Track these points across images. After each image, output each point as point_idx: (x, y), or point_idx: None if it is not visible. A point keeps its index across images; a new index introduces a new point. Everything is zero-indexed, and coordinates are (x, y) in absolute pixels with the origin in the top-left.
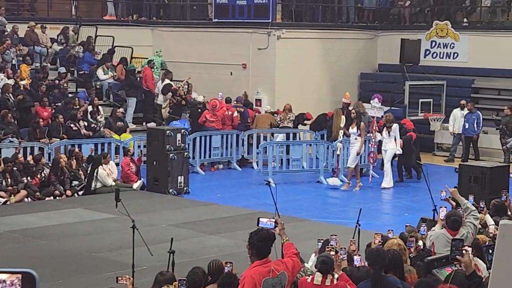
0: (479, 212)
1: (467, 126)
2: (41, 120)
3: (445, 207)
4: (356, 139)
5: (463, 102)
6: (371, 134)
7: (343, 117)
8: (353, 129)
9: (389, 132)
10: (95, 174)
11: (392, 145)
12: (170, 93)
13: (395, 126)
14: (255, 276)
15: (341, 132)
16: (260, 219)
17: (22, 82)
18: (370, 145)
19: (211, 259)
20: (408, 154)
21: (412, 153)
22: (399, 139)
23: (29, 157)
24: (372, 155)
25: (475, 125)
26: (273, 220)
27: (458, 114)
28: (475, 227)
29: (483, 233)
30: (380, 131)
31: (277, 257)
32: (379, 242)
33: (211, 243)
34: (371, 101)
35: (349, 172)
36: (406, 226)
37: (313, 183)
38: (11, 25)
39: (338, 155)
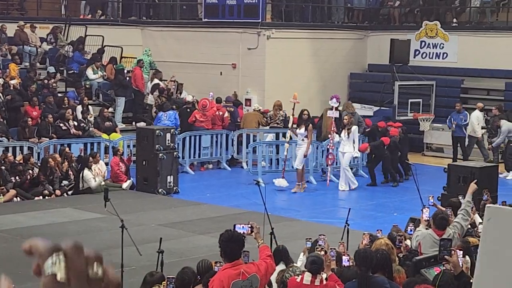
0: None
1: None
2: (29, 119)
3: (428, 207)
4: (303, 140)
5: (480, 105)
6: (330, 136)
7: (291, 118)
8: (300, 130)
9: (348, 134)
10: (80, 176)
11: (349, 148)
12: (156, 93)
13: (355, 129)
14: (223, 279)
15: (289, 132)
16: (236, 225)
17: (13, 82)
18: (328, 146)
19: (200, 259)
20: (380, 158)
21: (385, 157)
22: (358, 142)
23: (19, 157)
24: (330, 157)
25: (463, 126)
26: (249, 225)
27: (480, 117)
28: (461, 227)
29: (472, 233)
30: (339, 133)
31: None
32: (368, 242)
33: (201, 243)
34: (330, 102)
35: (297, 174)
36: (393, 226)
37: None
38: (0, 24)
39: (285, 155)
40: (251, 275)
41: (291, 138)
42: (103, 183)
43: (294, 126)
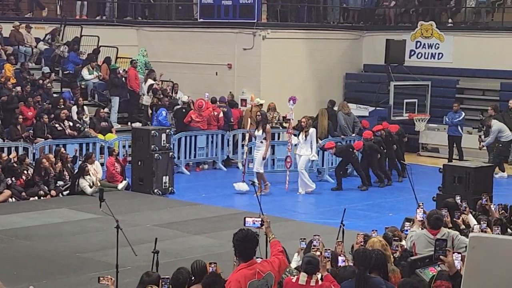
0: (461, 213)
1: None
2: (20, 117)
3: (422, 207)
4: (261, 142)
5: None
6: (290, 138)
7: (249, 120)
8: (258, 132)
9: (305, 137)
10: (76, 184)
11: (306, 151)
12: (151, 93)
13: (312, 131)
14: (240, 279)
15: (247, 134)
16: (246, 219)
17: (9, 83)
18: (287, 149)
19: (195, 259)
20: (346, 162)
21: (352, 160)
22: (316, 145)
23: (13, 154)
24: (288, 160)
25: (459, 125)
26: (259, 219)
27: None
28: (456, 238)
29: (466, 233)
30: (298, 135)
31: (266, 256)
32: (361, 242)
33: (196, 243)
34: (288, 103)
35: (258, 177)
36: (386, 228)
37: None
38: None
39: (245, 158)
40: (266, 273)
41: (250, 140)
42: (98, 183)
43: (252, 128)
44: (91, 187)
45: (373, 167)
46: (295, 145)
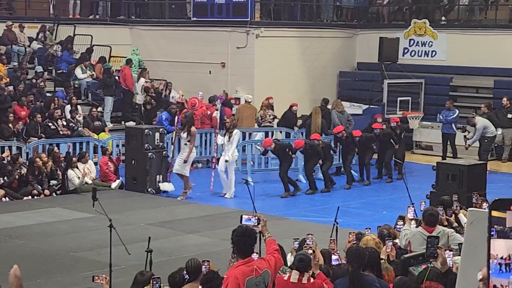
0: (453, 212)
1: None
2: (11, 115)
3: (413, 206)
4: (186, 144)
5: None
6: (215, 138)
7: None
8: (183, 134)
9: (229, 138)
10: (65, 177)
11: (228, 152)
12: (143, 91)
13: (236, 132)
14: (238, 276)
15: (174, 135)
16: (243, 216)
17: (2, 82)
18: (213, 149)
19: (189, 258)
20: (284, 162)
21: (286, 160)
22: (235, 146)
23: (6, 153)
24: (213, 161)
25: (453, 123)
26: (256, 217)
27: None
28: (452, 237)
29: (460, 231)
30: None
31: (261, 254)
32: (353, 240)
33: (190, 242)
34: (216, 102)
35: (184, 181)
36: (378, 227)
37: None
38: None
39: (171, 158)
40: (264, 271)
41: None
42: (90, 182)
43: (179, 126)
44: (79, 178)
45: (380, 159)
46: (222, 145)
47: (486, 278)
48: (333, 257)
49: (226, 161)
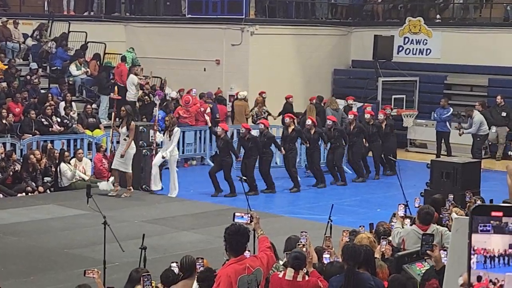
0: (446, 211)
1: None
2: (4, 111)
3: (404, 204)
4: (125, 139)
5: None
6: (154, 136)
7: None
8: (122, 129)
9: (170, 136)
10: (58, 171)
11: (169, 150)
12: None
13: (176, 130)
14: (230, 274)
15: (111, 130)
16: (236, 214)
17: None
18: (152, 147)
19: (184, 255)
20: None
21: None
22: (175, 144)
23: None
24: (153, 158)
25: (447, 121)
26: (249, 214)
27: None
28: (446, 235)
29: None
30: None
31: (254, 252)
32: (347, 239)
33: (184, 239)
34: (154, 98)
35: (127, 178)
36: (370, 225)
37: (286, 178)
38: None
39: (106, 155)
40: (256, 269)
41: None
42: (87, 178)
43: (116, 122)
44: (71, 171)
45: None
46: (161, 142)
47: (467, 284)
48: (325, 255)
49: (163, 157)
